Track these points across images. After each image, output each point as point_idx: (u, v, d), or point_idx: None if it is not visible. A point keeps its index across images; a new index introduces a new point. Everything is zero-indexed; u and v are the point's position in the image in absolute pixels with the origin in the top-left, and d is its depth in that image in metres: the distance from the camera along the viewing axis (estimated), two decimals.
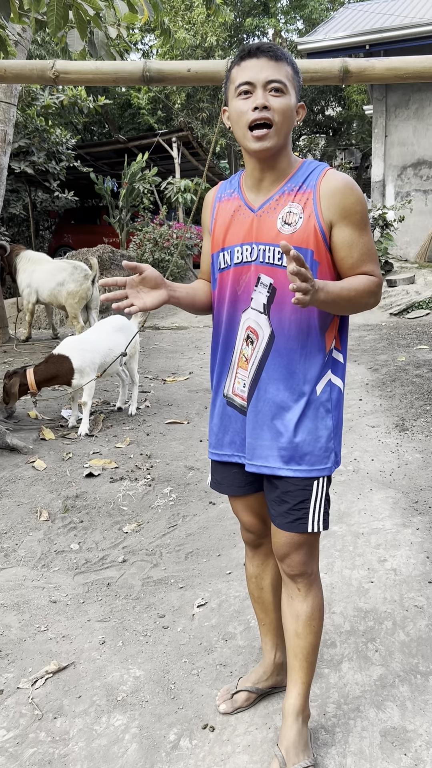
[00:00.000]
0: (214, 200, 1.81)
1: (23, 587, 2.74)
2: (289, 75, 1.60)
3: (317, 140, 22.55)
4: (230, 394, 1.78)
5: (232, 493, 1.88)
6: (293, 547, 1.75)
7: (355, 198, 1.61)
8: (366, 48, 11.35)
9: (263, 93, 1.56)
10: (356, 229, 1.62)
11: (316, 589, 1.80)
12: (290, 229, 1.62)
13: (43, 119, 10.66)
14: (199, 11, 16.74)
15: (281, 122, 1.58)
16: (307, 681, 1.81)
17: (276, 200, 1.65)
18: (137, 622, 2.50)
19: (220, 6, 6.77)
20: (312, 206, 1.61)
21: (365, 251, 1.64)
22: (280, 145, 1.60)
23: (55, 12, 3.52)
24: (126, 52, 11.18)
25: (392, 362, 6.43)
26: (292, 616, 1.79)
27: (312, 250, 1.62)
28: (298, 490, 1.70)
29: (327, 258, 1.64)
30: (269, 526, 1.91)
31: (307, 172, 1.65)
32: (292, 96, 1.60)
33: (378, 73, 2.94)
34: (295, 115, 1.63)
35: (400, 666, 2.18)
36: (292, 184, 1.65)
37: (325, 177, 1.62)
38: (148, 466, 3.99)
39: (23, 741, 1.92)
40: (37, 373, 4.58)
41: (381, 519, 3.21)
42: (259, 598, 2.01)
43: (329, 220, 1.61)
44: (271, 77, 1.56)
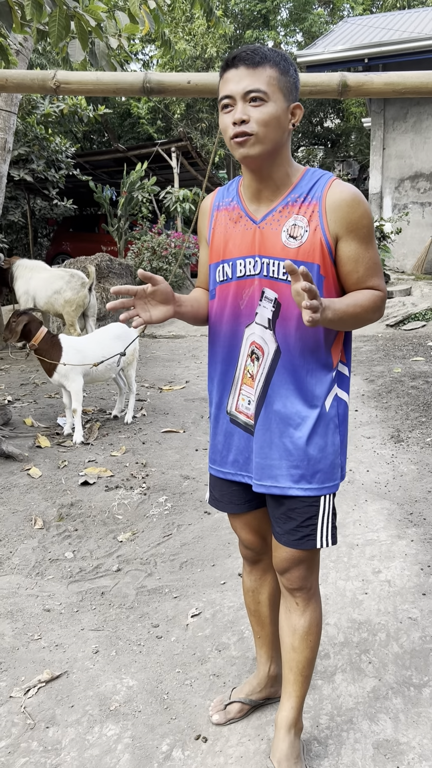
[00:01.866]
0: (211, 208, 1.76)
1: (17, 595, 2.74)
2: (272, 78, 1.52)
3: (315, 151, 22.66)
4: (234, 411, 1.74)
5: (231, 511, 1.86)
6: (294, 562, 1.73)
7: (362, 211, 1.57)
8: (365, 61, 11.45)
9: (243, 105, 1.51)
10: (363, 243, 1.59)
11: (314, 603, 1.79)
12: (296, 243, 1.58)
13: (42, 127, 10.70)
14: (200, 23, 16.86)
15: (263, 132, 1.51)
16: (301, 695, 1.80)
17: (279, 212, 1.60)
18: (131, 631, 2.49)
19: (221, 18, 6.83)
20: (318, 219, 1.56)
21: (371, 265, 1.61)
22: (266, 151, 1.54)
23: (57, 23, 3.56)
24: (126, 63, 11.26)
25: (388, 373, 6.45)
26: (290, 629, 1.78)
27: (318, 265, 1.58)
28: (305, 507, 1.67)
29: (333, 272, 1.62)
30: (268, 543, 1.90)
31: (311, 181, 1.60)
32: (276, 101, 1.53)
33: (376, 88, 2.97)
34: (286, 118, 1.56)
35: (393, 678, 2.18)
36: (295, 194, 1.60)
37: (331, 188, 1.57)
38: (143, 475, 3.99)
39: (15, 750, 1.91)
40: (44, 335, 4.61)
41: (376, 530, 3.22)
42: (256, 611, 2.00)
43: (335, 234, 1.57)
44: (249, 87, 1.50)
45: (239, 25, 19.56)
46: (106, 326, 5.13)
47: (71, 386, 4.64)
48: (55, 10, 3.55)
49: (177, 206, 12.50)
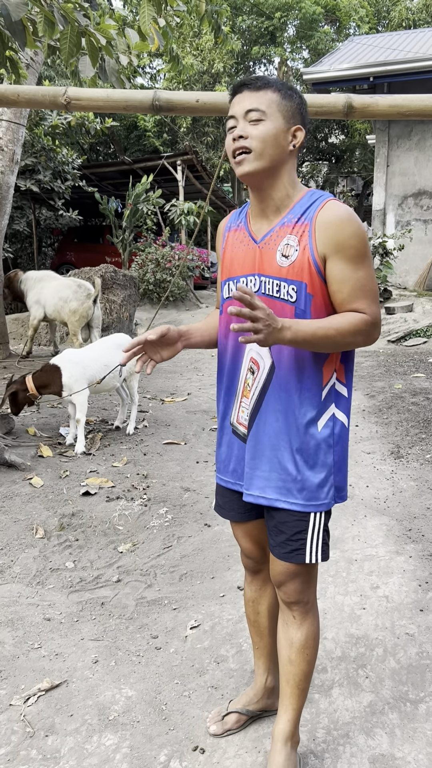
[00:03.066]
0: (225, 230, 1.84)
1: (18, 604, 2.76)
2: (272, 101, 1.60)
3: (320, 167, 22.83)
4: (235, 423, 1.80)
5: (233, 519, 1.90)
6: (290, 576, 1.75)
7: (350, 231, 1.58)
8: (370, 80, 11.56)
9: (243, 124, 1.60)
10: (350, 263, 1.59)
11: (311, 617, 1.81)
12: (287, 262, 1.62)
13: (50, 139, 10.82)
14: (207, 38, 17.05)
15: (260, 147, 1.59)
16: (298, 708, 1.82)
17: (276, 232, 1.65)
18: (130, 642, 2.51)
19: (228, 34, 6.94)
20: (307, 238, 1.60)
21: (358, 287, 1.61)
22: (263, 168, 1.61)
23: (69, 40, 3.62)
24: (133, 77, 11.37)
25: (389, 389, 6.48)
26: (287, 642, 1.80)
27: (306, 283, 1.61)
28: (294, 521, 1.70)
29: (322, 291, 1.63)
30: (268, 553, 1.92)
31: (309, 202, 1.64)
32: (275, 121, 1.60)
33: (381, 110, 3.02)
34: (285, 138, 1.62)
35: (390, 693, 2.20)
36: (291, 215, 1.65)
37: (323, 209, 1.60)
38: (144, 486, 4.01)
39: (14, 758, 1.93)
40: (35, 379, 4.68)
41: (374, 546, 3.24)
42: (255, 622, 2.02)
43: (323, 253, 1.59)
44: (249, 107, 1.59)
45: (246, 42, 19.77)
46: (107, 336, 5.18)
47: (77, 398, 4.67)
48: (66, 28, 3.62)
49: (181, 219, 12.60)
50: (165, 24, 4.98)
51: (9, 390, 4.70)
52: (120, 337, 5.13)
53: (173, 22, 5.48)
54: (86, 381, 4.70)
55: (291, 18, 19.30)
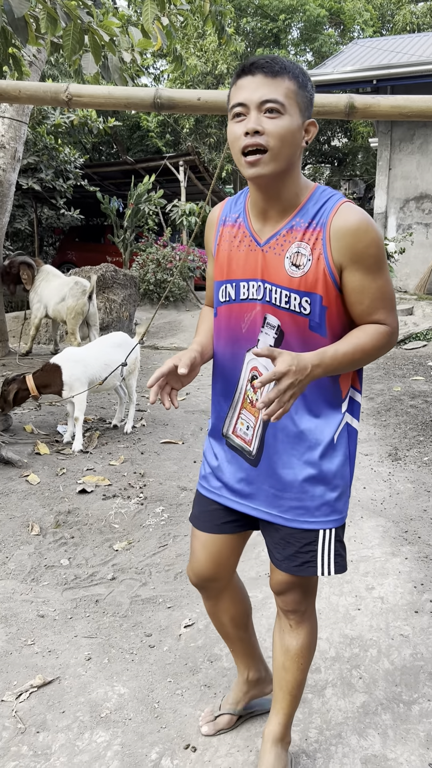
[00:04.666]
0: (218, 221, 1.68)
1: (11, 600, 2.75)
2: (290, 91, 1.42)
3: (322, 170, 22.83)
4: (230, 434, 1.69)
5: (205, 530, 1.78)
6: (290, 586, 1.69)
7: (369, 240, 1.46)
8: (373, 83, 11.57)
9: (257, 115, 1.40)
10: (368, 273, 1.48)
11: (308, 626, 1.75)
12: (299, 272, 1.49)
13: (52, 137, 10.82)
14: (211, 40, 17.07)
15: (278, 147, 1.41)
16: (289, 712, 1.80)
17: (283, 236, 1.51)
18: (124, 639, 2.50)
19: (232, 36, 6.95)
20: (321, 247, 1.47)
21: (378, 297, 1.51)
22: (279, 170, 1.44)
23: (72, 37, 3.62)
24: (137, 76, 11.38)
25: (388, 392, 6.48)
26: (282, 648, 1.76)
27: (321, 296, 1.49)
28: (303, 534, 1.62)
29: (337, 302, 1.52)
30: (221, 575, 1.81)
31: (318, 203, 1.50)
32: (293, 115, 1.43)
33: (383, 110, 3.02)
34: (300, 135, 1.46)
35: (383, 694, 2.19)
36: (300, 218, 1.50)
37: (338, 214, 1.47)
38: (141, 485, 4.00)
39: (5, 754, 1.92)
40: (35, 378, 4.67)
41: (370, 547, 3.23)
42: (221, 631, 1.95)
43: (339, 263, 1.47)
44: (266, 97, 1.39)
45: (250, 43, 19.79)
46: (107, 335, 5.17)
47: (76, 396, 4.67)
48: (69, 25, 3.62)
49: (183, 219, 12.60)
50: (168, 23, 4.99)
51: (8, 389, 4.68)
52: (120, 336, 5.12)
53: (177, 21, 5.48)
54: (87, 380, 4.69)
55: (295, 20, 19.33)
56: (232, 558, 1.80)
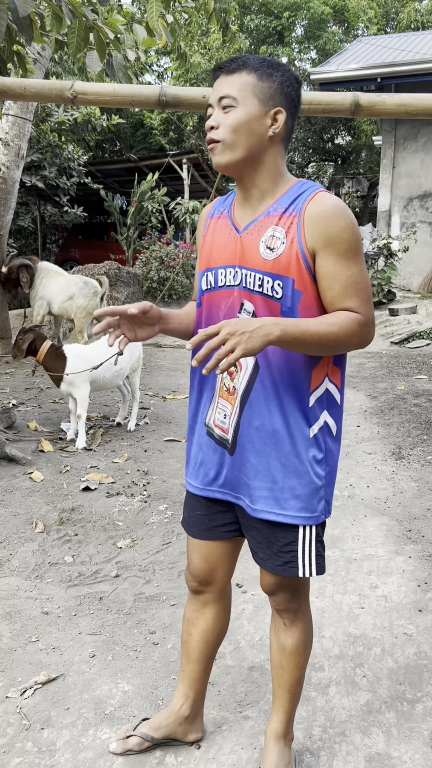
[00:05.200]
0: (207, 216, 1.74)
1: (16, 597, 2.75)
2: (245, 84, 1.50)
3: (325, 168, 22.79)
4: (210, 424, 1.69)
5: (193, 534, 1.80)
6: (279, 586, 1.69)
7: (342, 225, 1.48)
8: (377, 81, 11.55)
9: (217, 111, 1.53)
10: (341, 259, 1.49)
11: (302, 624, 1.75)
12: (272, 255, 1.51)
13: (56, 135, 10.81)
14: (215, 37, 17.05)
15: (231, 137, 1.51)
16: (290, 710, 1.80)
17: (260, 222, 1.55)
18: (128, 637, 2.51)
19: (236, 33, 6.92)
20: (296, 231, 1.50)
21: (350, 284, 1.50)
22: (238, 158, 1.52)
23: (77, 34, 3.62)
24: (141, 74, 11.38)
25: (391, 390, 6.47)
26: (278, 647, 1.77)
27: (293, 279, 1.50)
28: (284, 531, 1.62)
29: (312, 288, 1.52)
30: (216, 578, 1.83)
31: (296, 193, 1.54)
32: (248, 105, 1.50)
33: (388, 108, 3.02)
34: (260, 123, 1.52)
35: (387, 692, 2.19)
36: (278, 205, 1.54)
37: (313, 200, 1.50)
38: (144, 483, 4.01)
39: (10, 750, 1.93)
40: (47, 353, 4.72)
41: (374, 546, 3.23)
42: (186, 643, 1.90)
43: (312, 248, 1.49)
44: (221, 93, 1.51)
45: (254, 41, 19.77)
46: (103, 338, 5.19)
47: (78, 393, 4.68)
48: (74, 22, 3.61)
49: (186, 217, 12.59)
50: (173, 20, 4.98)
51: (24, 338, 4.73)
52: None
53: (181, 19, 5.47)
54: (88, 377, 4.69)
55: (299, 18, 19.29)
56: (224, 563, 1.81)
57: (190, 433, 1.79)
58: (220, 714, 2.09)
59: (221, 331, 1.37)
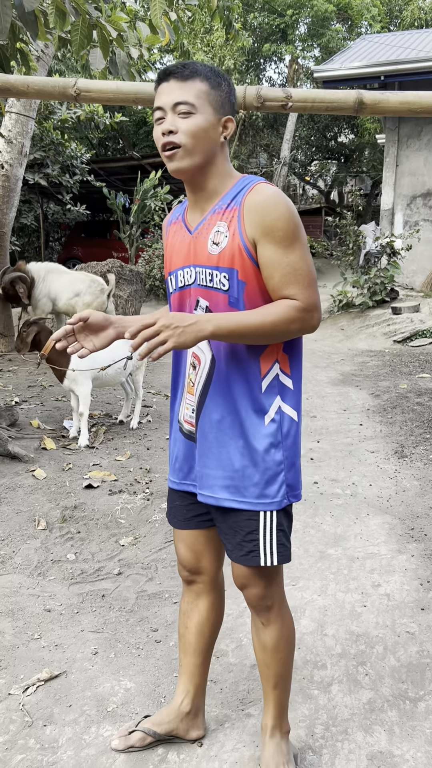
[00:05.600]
0: (167, 225, 1.80)
1: (18, 594, 2.76)
2: (201, 92, 1.54)
3: (328, 166, 22.77)
4: (181, 420, 1.77)
5: (175, 525, 1.86)
6: (249, 579, 1.71)
7: (277, 214, 1.52)
8: (381, 79, 11.52)
9: (172, 117, 1.55)
10: (279, 247, 1.53)
11: (279, 620, 1.76)
12: (217, 249, 1.58)
13: (59, 133, 10.82)
14: (218, 35, 17.02)
15: (191, 143, 1.54)
16: (279, 703, 1.81)
17: (208, 220, 1.62)
18: (130, 634, 2.51)
19: (240, 31, 6.93)
20: (236, 223, 1.55)
21: (288, 272, 1.54)
22: (196, 163, 1.57)
23: (80, 32, 3.62)
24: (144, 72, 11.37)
25: (394, 389, 6.47)
26: (259, 645, 1.78)
27: (237, 269, 1.56)
28: (245, 520, 1.65)
29: (256, 277, 1.57)
30: (204, 567, 1.86)
31: (239, 188, 1.60)
32: (205, 113, 1.55)
33: (392, 106, 3.01)
34: (215, 130, 1.57)
35: (389, 691, 2.19)
36: (222, 202, 1.61)
37: (251, 192, 1.55)
38: (147, 481, 4.01)
39: (12, 747, 1.93)
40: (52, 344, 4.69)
41: (376, 544, 3.23)
42: (182, 636, 1.93)
43: (252, 238, 1.54)
44: (177, 99, 1.53)
45: (257, 39, 19.73)
46: None
47: (80, 390, 4.68)
48: (77, 19, 3.61)
49: None
50: (176, 18, 4.97)
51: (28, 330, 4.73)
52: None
53: (185, 16, 5.47)
54: (91, 375, 4.70)
55: (303, 16, 19.24)
56: (208, 551, 1.84)
57: (170, 430, 1.85)
58: (223, 712, 2.09)
59: (156, 323, 1.46)
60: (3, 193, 7.67)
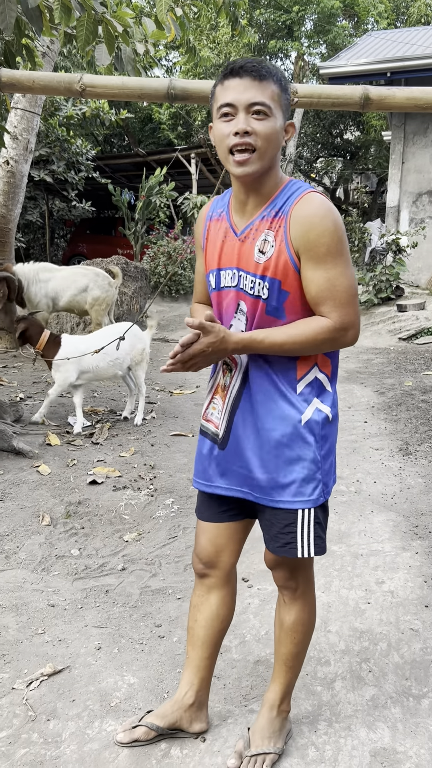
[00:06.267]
0: (206, 218, 1.77)
1: (22, 589, 2.76)
2: (274, 95, 1.51)
3: (334, 163, 22.70)
4: (203, 422, 1.80)
5: (204, 518, 1.86)
6: (276, 563, 1.78)
7: (321, 229, 1.51)
8: (387, 75, 11.47)
9: (245, 117, 1.50)
10: (318, 263, 1.53)
11: (301, 603, 1.81)
12: (263, 258, 1.58)
13: (64, 129, 10.81)
14: (224, 31, 16.98)
15: (265, 147, 1.52)
16: (286, 682, 1.86)
17: (255, 226, 1.61)
18: (134, 630, 2.51)
19: (245, 27, 6.88)
20: (283, 234, 1.55)
21: (325, 288, 1.54)
22: (264, 168, 1.55)
23: (85, 27, 3.61)
24: (149, 68, 11.37)
25: (399, 386, 6.45)
26: (278, 621, 1.85)
27: (279, 280, 1.57)
28: (283, 514, 1.68)
29: (300, 287, 1.58)
30: (221, 562, 1.86)
31: (287, 195, 1.59)
32: (277, 117, 1.53)
33: (398, 102, 2.99)
34: (282, 136, 1.56)
35: (392, 688, 2.19)
36: (270, 209, 1.59)
37: (299, 203, 1.55)
38: (151, 477, 4.01)
39: (16, 741, 1.93)
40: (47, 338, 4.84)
41: (381, 541, 3.23)
42: (191, 629, 1.93)
43: (297, 249, 1.55)
44: (254, 99, 1.49)
45: (263, 35, 19.67)
46: (108, 326, 5.24)
47: (58, 376, 4.84)
48: (83, 15, 3.61)
49: (194, 212, 12.57)
50: (182, 14, 4.96)
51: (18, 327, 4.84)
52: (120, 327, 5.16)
53: (190, 12, 5.45)
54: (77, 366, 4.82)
55: (309, 12, 19.16)
56: (229, 546, 1.85)
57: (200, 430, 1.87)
58: (226, 707, 2.09)
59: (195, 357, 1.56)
60: (8, 190, 7.67)
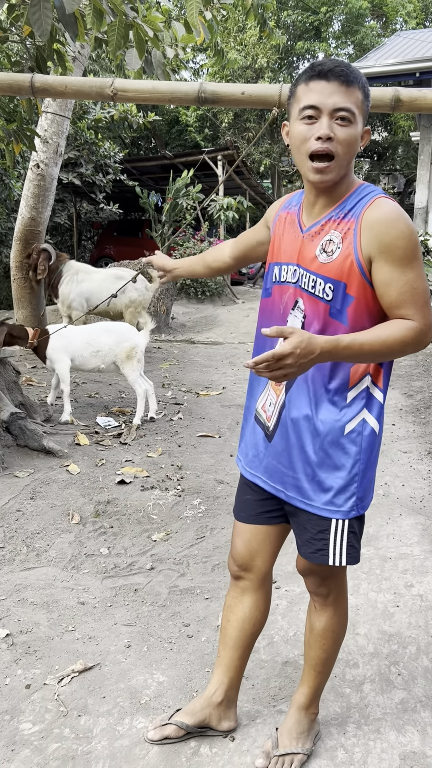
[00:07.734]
0: (279, 210, 1.78)
1: (53, 587, 2.80)
2: (359, 101, 1.49)
3: (361, 164, 22.59)
4: (259, 409, 1.78)
5: (241, 519, 1.86)
6: (308, 570, 1.77)
7: (398, 232, 1.49)
8: (416, 75, 11.40)
9: (329, 122, 1.47)
10: (397, 266, 1.50)
11: (332, 610, 1.80)
12: (327, 258, 1.56)
13: (93, 132, 10.91)
14: (251, 33, 17.00)
15: (344, 153, 1.50)
16: (314, 686, 1.87)
17: (322, 225, 1.59)
18: (162, 629, 2.53)
19: (273, 29, 6.89)
20: (352, 237, 1.52)
21: (407, 290, 1.51)
22: (341, 175, 1.54)
23: (116, 32, 3.65)
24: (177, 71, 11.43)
25: (427, 389, 6.40)
26: (309, 626, 1.85)
27: (345, 283, 1.54)
28: (316, 520, 1.67)
29: (366, 294, 1.54)
30: (255, 565, 1.86)
31: (357, 198, 1.56)
32: (359, 124, 1.50)
33: (429, 103, 2.98)
34: (359, 142, 1.54)
35: (422, 691, 2.18)
36: (339, 210, 1.57)
37: (371, 207, 1.52)
38: (178, 477, 4.04)
39: (48, 735, 1.96)
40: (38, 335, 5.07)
41: (409, 545, 3.21)
42: (224, 628, 1.94)
43: (368, 254, 1.51)
44: (340, 105, 1.46)
45: (291, 37, 19.65)
46: (98, 323, 5.40)
47: (58, 366, 5.02)
48: (114, 20, 3.65)
49: (221, 214, 12.60)
50: (211, 17, 4.99)
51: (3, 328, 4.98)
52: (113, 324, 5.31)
53: (219, 15, 5.47)
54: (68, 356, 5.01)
55: (337, 13, 19.12)
56: (265, 550, 1.85)
57: (245, 413, 1.87)
58: (254, 707, 2.10)
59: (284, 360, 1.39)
60: (39, 192, 7.75)
